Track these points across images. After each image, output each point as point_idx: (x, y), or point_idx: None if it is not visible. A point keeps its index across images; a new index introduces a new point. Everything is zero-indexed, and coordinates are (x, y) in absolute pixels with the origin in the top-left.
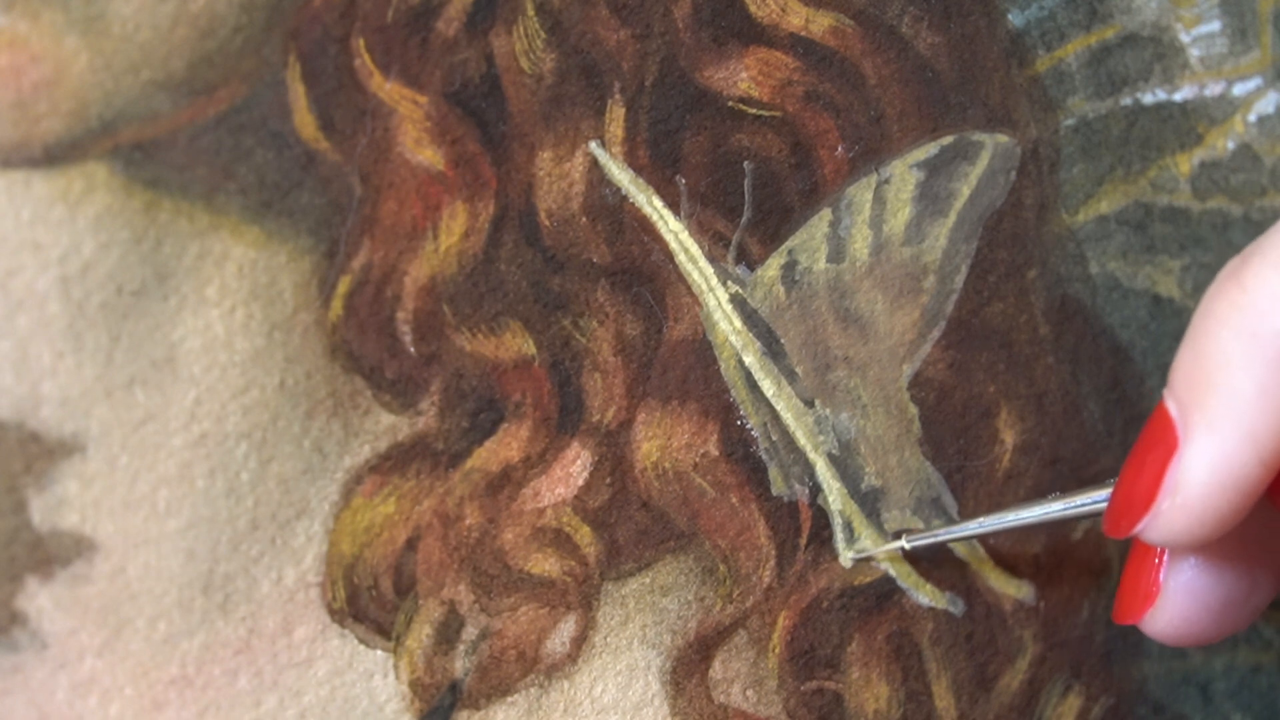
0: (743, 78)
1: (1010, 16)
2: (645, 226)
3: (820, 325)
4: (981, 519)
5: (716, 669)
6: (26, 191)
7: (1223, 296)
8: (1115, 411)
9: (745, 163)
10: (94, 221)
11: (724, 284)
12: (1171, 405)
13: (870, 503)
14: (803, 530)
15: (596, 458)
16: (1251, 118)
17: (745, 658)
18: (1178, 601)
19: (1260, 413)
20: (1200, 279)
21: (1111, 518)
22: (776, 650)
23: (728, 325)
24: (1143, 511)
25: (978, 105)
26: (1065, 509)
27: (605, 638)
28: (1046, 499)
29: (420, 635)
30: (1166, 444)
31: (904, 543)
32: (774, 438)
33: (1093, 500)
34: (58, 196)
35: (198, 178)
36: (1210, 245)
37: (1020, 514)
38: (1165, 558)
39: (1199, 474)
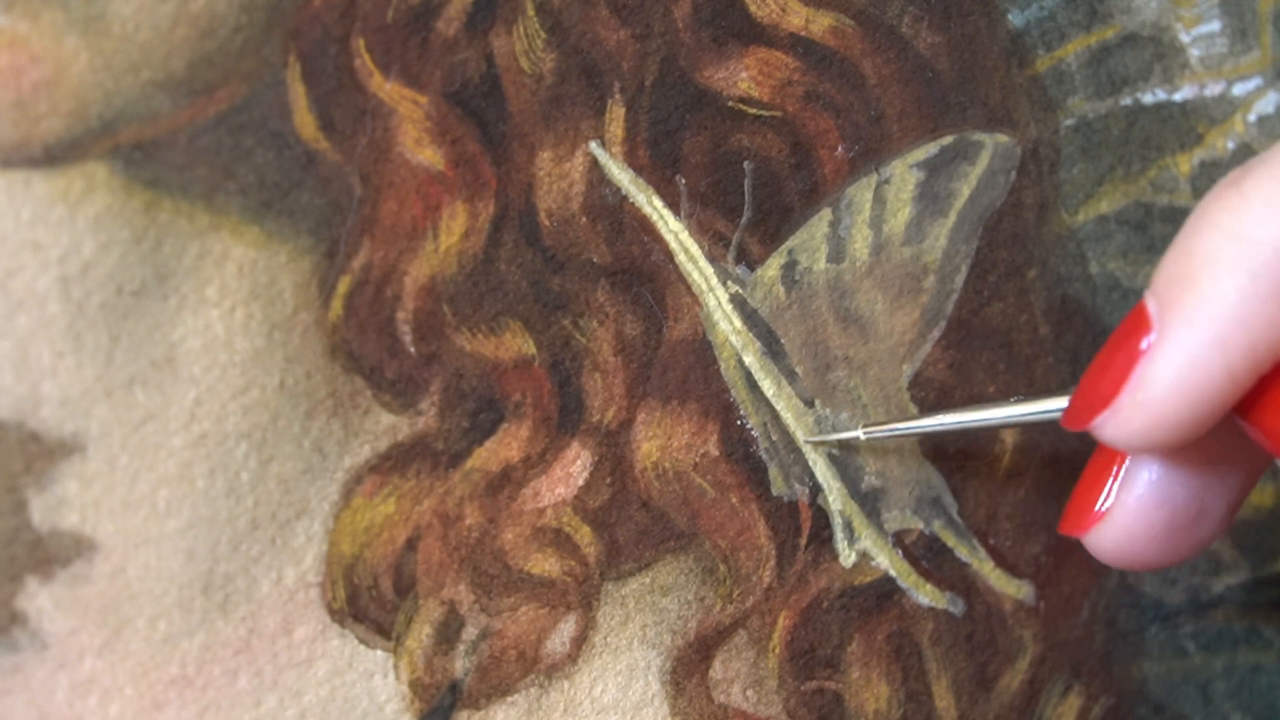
0: (743, 78)
1: (1010, 16)
2: (645, 226)
3: (820, 325)
4: (942, 416)
5: (716, 669)
6: (26, 191)
7: (1219, 201)
8: None
9: (745, 163)
10: (94, 221)
11: (724, 284)
12: (1151, 302)
13: (870, 503)
14: (803, 530)
15: (596, 458)
16: (1251, 117)
17: (745, 658)
18: (1127, 517)
19: (1236, 319)
20: None
21: (1072, 410)
22: (776, 650)
23: (728, 325)
24: (1103, 405)
25: (978, 105)
26: (1026, 414)
27: (605, 638)
28: (1010, 401)
29: (420, 635)
30: (1138, 340)
31: (860, 433)
32: (774, 438)
33: (1056, 407)
34: (58, 196)
35: (198, 178)
36: None
37: (984, 414)
38: (1121, 471)
39: (1165, 373)
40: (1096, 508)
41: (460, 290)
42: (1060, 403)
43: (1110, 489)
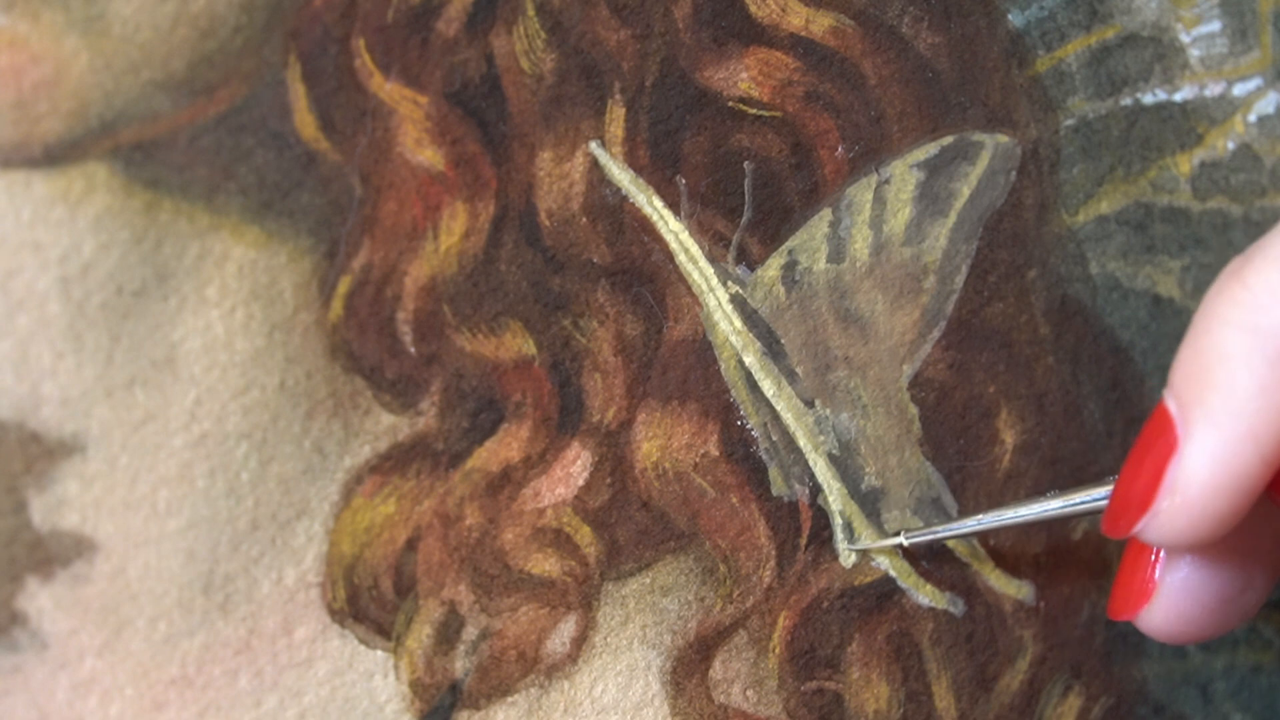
0: (743, 78)
1: (1010, 17)
2: (645, 227)
3: (820, 325)
4: (980, 516)
5: (717, 669)
6: (26, 191)
7: (1224, 294)
8: (1115, 412)
9: (745, 163)
10: (94, 222)
11: (724, 284)
12: (1171, 403)
13: (870, 503)
14: (803, 530)
15: (597, 458)
16: (1251, 118)
17: (745, 658)
18: (1173, 598)
19: (1261, 410)
20: (1201, 279)
21: (1110, 518)
22: (777, 650)
23: (728, 325)
24: (1142, 511)
25: (978, 105)
26: (1064, 507)
27: (605, 638)
28: (1045, 496)
29: (420, 635)
30: (1166, 442)
31: (902, 539)
32: (774, 438)
33: (1092, 498)
34: (58, 196)
35: (198, 178)
36: (1210, 245)
37: (1019, 512)
38: (1161, 554)
39: (1199, 473)
40: (1143, 591)
41: (460, 290)
42: (1097, 493)
43: (1152, 572)
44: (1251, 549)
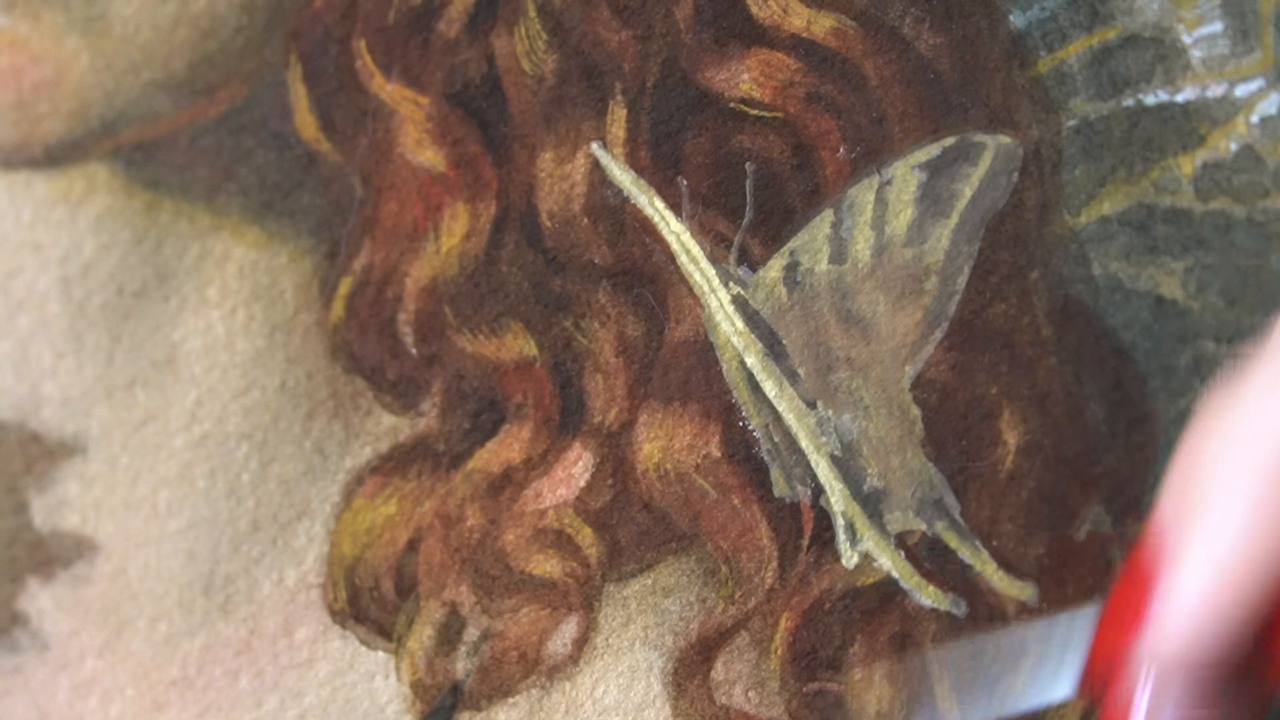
0: (744, 79)
1: (1012, 18)
2: (647, 228)
3: (822, 326)
4: None
5: (718, 670)
6: (27, 192)
7: (1215, 416)
8: (1118, 412)
9: (747, 164)
10: (95, 222)
11: (726, 285)
12: (1160, 529)
13: (873, 504)
14: (805, 531)
15: (598, 459)
16: (1254, 119)
17: (747, 659)
18: None
19: (1253, 534)
20: (1203, 280)
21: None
22: (779, 651)
23: (730, 326)
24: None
25: (979, 106)
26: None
27: (607, 639)
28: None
29: (421, 636)
30: (1158, 568)
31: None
32: (776, 439)
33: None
34: (59, 197)
35: (199, 178)
36: (1213, 246)
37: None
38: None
39: (1188, 600)
40: None
41: (461, 291)
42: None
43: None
44: (1235, 704)
